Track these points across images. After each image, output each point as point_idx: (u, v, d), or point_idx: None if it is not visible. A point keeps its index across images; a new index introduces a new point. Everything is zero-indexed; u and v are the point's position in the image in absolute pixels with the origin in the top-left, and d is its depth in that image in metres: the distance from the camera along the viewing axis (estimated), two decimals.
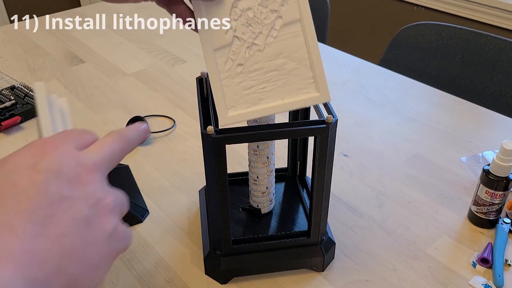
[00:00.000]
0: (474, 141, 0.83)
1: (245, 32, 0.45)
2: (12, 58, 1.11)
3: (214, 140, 0.47)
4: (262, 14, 0.45)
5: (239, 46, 0.46)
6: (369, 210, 0.69)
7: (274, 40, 0.46)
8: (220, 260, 0.57)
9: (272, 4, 0.45)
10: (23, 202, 0.28)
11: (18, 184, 0.29)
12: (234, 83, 0.47)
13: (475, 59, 1.11)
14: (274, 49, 0.46)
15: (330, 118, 0.48)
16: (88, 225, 0.30)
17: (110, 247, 0.32)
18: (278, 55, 0.46)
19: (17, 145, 0.82)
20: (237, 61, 0.46)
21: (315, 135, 0.49)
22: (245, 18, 0.45)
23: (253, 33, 0.45)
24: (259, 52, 0.46)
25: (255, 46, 0.46)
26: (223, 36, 0.45)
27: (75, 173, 0.31)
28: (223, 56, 0.46)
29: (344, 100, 0.96)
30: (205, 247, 0.59)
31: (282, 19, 0.45)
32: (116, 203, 0.33)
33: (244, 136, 0.47)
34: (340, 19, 2.29)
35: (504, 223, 0.64)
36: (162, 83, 1.02)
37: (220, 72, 0.46)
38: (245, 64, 0.46)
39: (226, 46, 0.46)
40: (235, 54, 0.46)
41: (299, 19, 0.45)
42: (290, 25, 0.45)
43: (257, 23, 0.45)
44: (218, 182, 0.50)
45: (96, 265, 0.31)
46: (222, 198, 0.51)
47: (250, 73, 0.46)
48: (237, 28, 0.45)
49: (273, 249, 0.58)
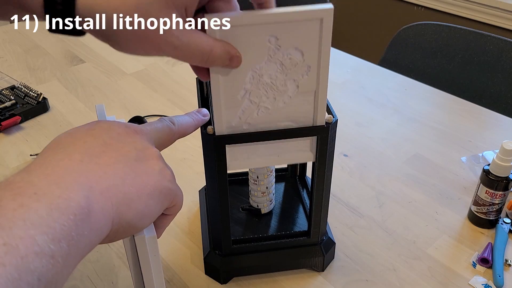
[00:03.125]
0: (474, 141, 0.83)
1: (258, 96, 0.46)
2: (12, 58, 1.11)
3: (214, 140, 0.47)
4: (279, 81, 0.45)
5: (250, 107, 0.46)
6: (369, 210, 0.69)
7: (285, 105, 0.46)
8: (220, 260, 0.57)
9: (292, 74, 0.45)
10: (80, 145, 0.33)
11: (75, 135, 0.34)
12: None
13: (475, 59, 1.11)
14: (283, 113, 0.47)
15: (330, 118, 0.48)
16: (138, 160, 0.35)
17: (160, 182, 0.36)
18: (285, 118, 0.47)
19: (17, 145, 0.82)
20: (245, 120, 0.47)
21: (315, 135, 0.49)
22: (262, 84, 0.45)
23: (266, 98, 0.46)
24: (268, 114, 0.47)
25: (265, 109, 0.47)
26: (235, 97, 0.45)
27: (124, 131, 0.36)
28: (232, 114, 0.46)
29: (344, 100, 0.96)
30: (205, 247, 0.59)
31: (298, 88, 0.46)
32: (160, 155, 0.38)
33: (244, 135, 0.47)
34: (340, 19, 2.29)
35: (504, 223, 0.64)
36: (162, 83, 1.02)
37: (226, 126, 0.47)
38: (252, 123, 0.47)
39: (237, 106, 0.46)
40: (245, 114, 0.47)
41: (314, 90, 0.46)
42: (304, 94, 0.46)
43: (273, 89, 0.45)
44: (218, 182, 0.50)
45: (149, 194, 0.34)
46: (222, 198, 0.51)
47: (255, 130, 0.48)
48: (251, 92, 0.45)
49: (273, 249, 0.58)
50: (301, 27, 0.41)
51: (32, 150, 0.81)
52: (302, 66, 0.44)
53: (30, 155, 0.79)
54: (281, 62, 0.44)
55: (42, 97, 0.91)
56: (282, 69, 0.44)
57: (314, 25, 0.42)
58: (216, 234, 0.56)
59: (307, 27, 0.42)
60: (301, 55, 0.44)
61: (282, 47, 0.43)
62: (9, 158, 0.79)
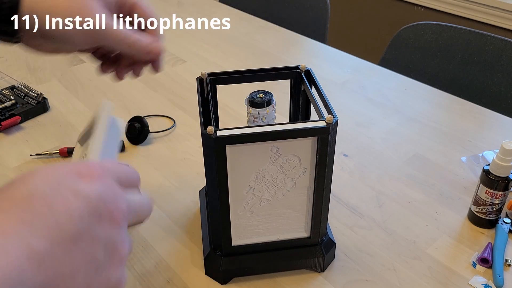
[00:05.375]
0: (474, 141, 0.83)
1: (261, 191, 0.53)
2: (12, 58, 1.11)
3: (215, 140, 0.47)
4: (279, 179, 0.52)
5: (253, 199, 0.53)
6: (369, 210, 0.69)
7: (283, 197, 0.54)
8: (220, 261, 0.57)
9: (291, 174, 0.52)
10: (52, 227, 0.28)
11: (53, 205, 0.28)
12: (244, 223, 0.55)
13: (475, 59, 1.11)
14: (282, 203, 0.54)
15: (330, 118, 0.48)
16: (98, 270, 0.30)
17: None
18: (284, 207, 0.55)
19: (17, 145, 0.82)
20: (249, 209, 0.54)
21: (316, 135, 0.49)
22: (264, 182, 0.52)
23: (268, 192, 0.53)
24: (269, 204, 0.54)
25: (267, 201, 0.54)
26: (242, 192, 0.53)
27: (109, 210, 0.31)
28: (238, 205, 0.53)
29: (344, 100, 0.96)
30: (205, 247, 0.59)
31: (296, 184, 0.53)
32: (127, 253, 0.33)
33: (244, 135, 0.47)
34: (340, 19, 2.29)
35: (504, 223, 0.64)
36: (162, 83, 1.02)
37: (232, 213, 0.53)
38: (255, 211, 0.54)
39: (242, 199, 0.53)
40: (249, 205, 0.54)
41: (308, 186, 0.53)
42: (300, 188, 0.53)
43: (273, 185, 0.52)
44: (218, 182, 0.50)
45: None
46: (222, 199, 0.51)
47: (258, 217, 0.55)
48: (255, 188, 0.52)
49: (273, 250, 0.58)
50: (299, 141, 0.49)
51: (32, 150, 0.81)
52: (299, 168, 0.51)
53: (30, 155, 0.79)
54: (281, 165, 0.51)
55: (42, 97, 0.91)
56: (282, 170, 0.51)
57: (310, 141, 0.49)
58: (216, 234, 0.56)
59: (304, 142, 0.49)
60: (299, 160, 0.51)
61: (282, 154, 0.50)
62: (9, 158, 0.79)
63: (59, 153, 0.79)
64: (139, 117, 0.83)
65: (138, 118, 0.82)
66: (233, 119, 0.89)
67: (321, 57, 1.14)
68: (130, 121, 0.82)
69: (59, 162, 0.78)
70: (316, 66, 1.09)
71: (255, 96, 0.55)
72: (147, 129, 0.82)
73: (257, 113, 0.55)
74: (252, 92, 0.56)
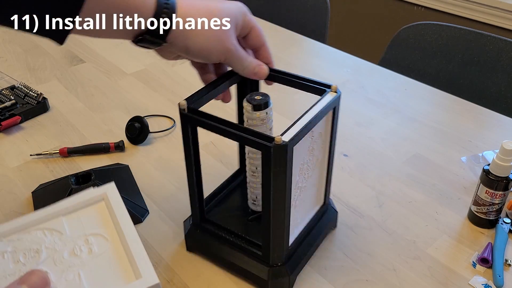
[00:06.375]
0: (474, 141, 0.83)
1: (301, 182, 0.54)
2: (12, 58, 1.11)
3: (285, 146, 0.45)
4: (310, 163, 0.55)
5: (297, 193, 0.55)
6: (369, 210, 0.69)
7: (310, 178, 0.56)
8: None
9: (316, 153, 0.55)
10: None
11: None
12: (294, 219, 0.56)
13: (475, 59, 1.11)
14: (311, 184, 0.58)
15: (335, 87, 0.53)
16: None
17: None
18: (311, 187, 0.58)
19: (17, 145, 0.82)
20: (294, 204, 0.54)
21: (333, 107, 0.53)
22: (303, 171, 0.54)
23: (305, 179, 0.55)
24: (303, 191, 0.56)
25: (304, 189, 0.56)
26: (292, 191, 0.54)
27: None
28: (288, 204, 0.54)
29: (344, 100, 0.96)
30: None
31: (318, 160, 0.57)
32: None
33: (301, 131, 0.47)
34: (340, 19, 2.29)
35: (504, 223, 0.64)
36: (162, 83, 1.02)
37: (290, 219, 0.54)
38: (298, 204, 0.56)
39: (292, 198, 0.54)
40: (294, 199, 0.54)
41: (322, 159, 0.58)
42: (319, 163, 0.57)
43: (307, 171, 0.55)
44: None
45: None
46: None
47: (299, 208, 0.56)
48: (298, 181, 0.54)
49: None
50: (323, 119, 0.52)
51: (32, 150, 0.81)
52: (321, 145, 0.56)
53: (30, 155, 0.79)
54: (312, 148, 0.54)
55: (42, 97, 0.91)
56: (312, 153, 0.54)
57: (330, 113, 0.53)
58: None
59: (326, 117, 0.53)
60: (320, 136, 0.55)
61: (315, 136, 0.53)
62: (9, 158, 0.79)
63: (59, 153, 0.79)
64: (139, 117, 0.83)
65: (138, 118, 0.82)
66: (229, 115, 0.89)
67: (321, 57, 1.14)
68: (130, 121, 0.82)
69: (59, 162, 0.78)
70: (316, 66, 1.09)
71: (253, 98, 0.55)
72: (147, 129, 0.82)
73: (256, 115, 0.55)
74: (250, 94, 0.56)
